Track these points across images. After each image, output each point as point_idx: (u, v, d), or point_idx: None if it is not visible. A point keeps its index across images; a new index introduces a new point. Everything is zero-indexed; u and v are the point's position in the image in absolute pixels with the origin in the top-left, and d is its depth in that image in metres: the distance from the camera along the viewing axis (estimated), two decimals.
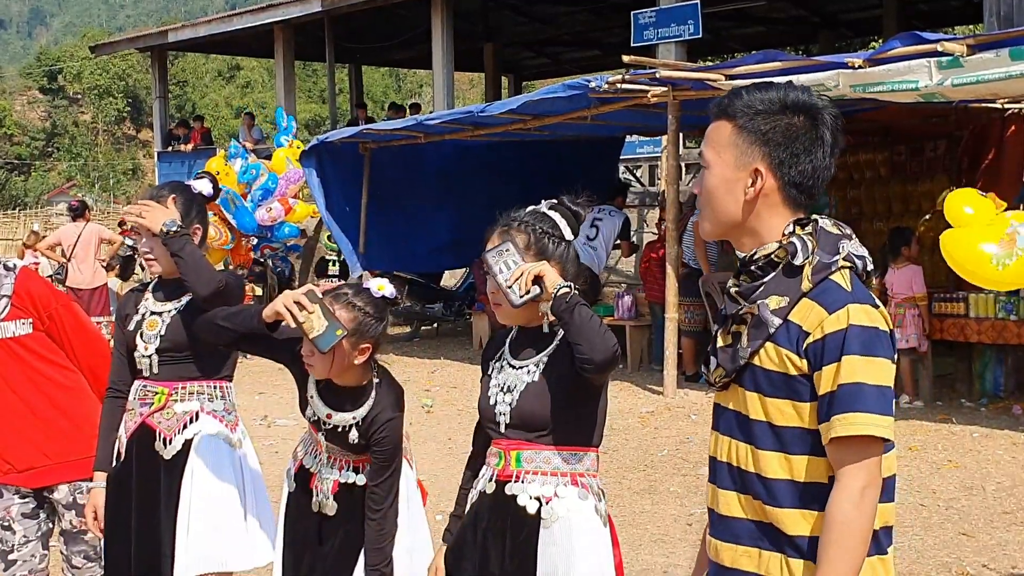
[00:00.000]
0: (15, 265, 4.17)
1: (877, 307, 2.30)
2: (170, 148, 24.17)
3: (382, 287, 3.37)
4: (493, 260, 2.92)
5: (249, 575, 5.44)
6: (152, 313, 3.91)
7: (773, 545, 2.34)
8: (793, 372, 2.30)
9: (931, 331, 9.58)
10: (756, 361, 2.34)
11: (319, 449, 3.51)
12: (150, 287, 4.01)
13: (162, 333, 3.86)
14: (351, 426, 3.38)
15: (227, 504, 3.87)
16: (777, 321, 2.31)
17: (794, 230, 2.36)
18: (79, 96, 66.72)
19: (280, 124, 14.83)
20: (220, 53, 40.38)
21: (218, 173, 13.02)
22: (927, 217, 10.68)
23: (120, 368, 3.99)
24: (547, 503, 2.97)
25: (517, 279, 2.87)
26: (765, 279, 2.37)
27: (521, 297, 2.88)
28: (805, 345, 2.28)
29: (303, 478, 3.55)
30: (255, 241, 13.42)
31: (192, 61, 64.18)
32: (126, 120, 66.31)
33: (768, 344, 2.32)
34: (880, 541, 2.32)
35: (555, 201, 3.10)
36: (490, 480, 3.06)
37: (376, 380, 3.44)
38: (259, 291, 13.82)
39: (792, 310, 2.31)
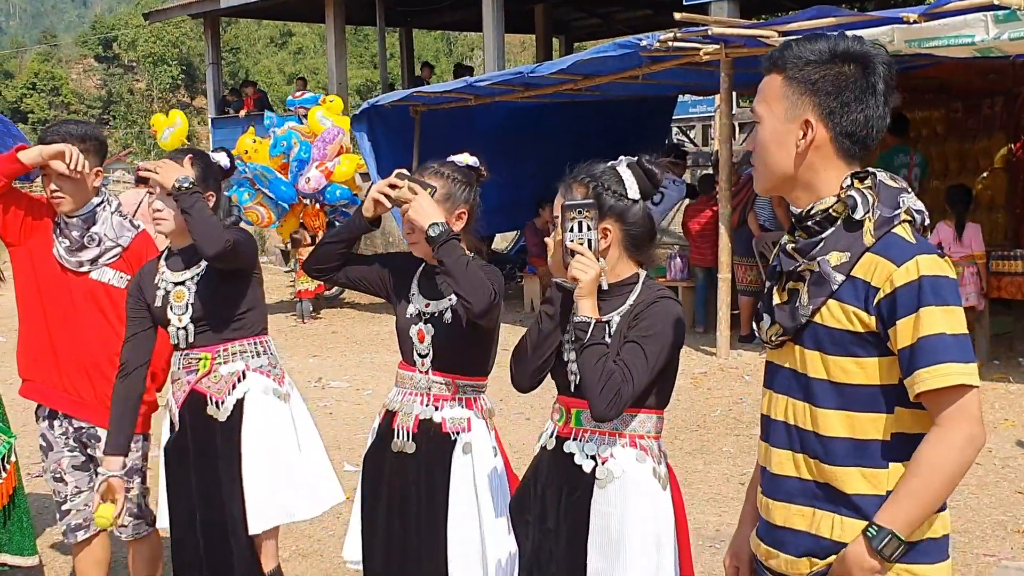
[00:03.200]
0: (139, 226, 4.36)
1: (943, 256, 2.27)
2: (224, 114, 24.32)
3: (466, 158, 3.45)
4: (568, 214, 2.82)
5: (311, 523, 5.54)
6: (175, 284, 3.90)
7: (827, 504, 2.32)
8: (859, 329, 2.26)
9: (989, 289, 9.46)
10: (818, 319, 2.30)
11: (411, 376, 3.44)
12: (162, 259, 4.00)
13: (191, 302, 3.86)
14: (447, 308, 3.37)
15: (286, 457, 3.93)
16: (840, 277, 2.27)
17: (852, 183, 2.32)
18: (134, 64, 67.26)
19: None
20: (272, 18, 40.45)
21: (246, 152, 13.08)
22: (984, 175, 10.53)
23: (134, 347, 3.93)
24: (602, 463, 2.92)
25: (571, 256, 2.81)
26: (824, 234, 2.32)
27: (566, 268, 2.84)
28: (876, 300, 2.23)
29: (386, 423, 3.47)
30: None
31: (244, 28, 64.40)
32: (180, 87, 66.72)
33: (831, 301, 2.28)
34: None
35: (635, 158, 3.01)
36: (551, 436, 3.04)
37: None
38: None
39: (855, 265, 2.27)
